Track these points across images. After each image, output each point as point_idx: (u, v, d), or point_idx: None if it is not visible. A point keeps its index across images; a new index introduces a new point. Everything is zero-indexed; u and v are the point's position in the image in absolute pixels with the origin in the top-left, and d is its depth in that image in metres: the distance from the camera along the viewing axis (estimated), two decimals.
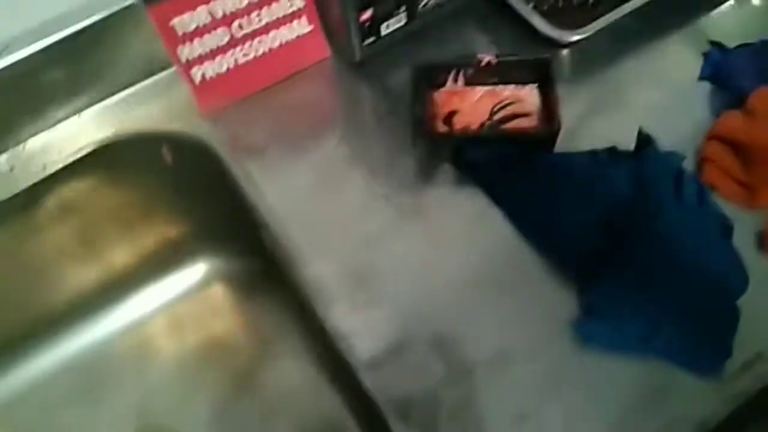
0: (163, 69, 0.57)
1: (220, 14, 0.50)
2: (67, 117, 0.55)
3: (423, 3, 0.53)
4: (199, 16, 0.49)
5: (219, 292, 0.71)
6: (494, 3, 0.57)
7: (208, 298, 0.71)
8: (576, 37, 0.53)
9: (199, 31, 0.50)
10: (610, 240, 0.41)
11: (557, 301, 0.43)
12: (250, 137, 0.53)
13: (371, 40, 0.53)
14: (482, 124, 0.50)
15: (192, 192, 0.62)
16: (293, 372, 0.66)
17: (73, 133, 0.55)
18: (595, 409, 0.40)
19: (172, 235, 0.67)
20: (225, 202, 0.59)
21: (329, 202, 0.50)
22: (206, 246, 0.69)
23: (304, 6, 0.53)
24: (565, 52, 0.56)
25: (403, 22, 0.54)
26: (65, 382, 0.66)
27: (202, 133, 0.54)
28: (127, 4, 0.51)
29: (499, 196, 0.46)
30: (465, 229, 0.47)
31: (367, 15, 0.51)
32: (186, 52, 0.51)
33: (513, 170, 0.46)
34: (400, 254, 0.47)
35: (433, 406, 0.40)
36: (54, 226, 0.58)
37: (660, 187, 0.43)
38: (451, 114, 0.51)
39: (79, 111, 0.55)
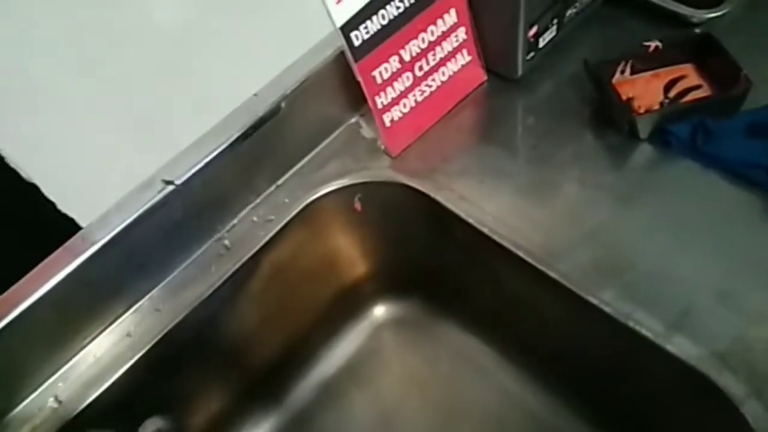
0: (335, 129, 0.61)
1: (407, 58, 0.54)
2: (268, 187, 0.58)
3: (568, 13, 0.59)
4: (392, 64, 0.53)
5: (395, 332, 0.73)
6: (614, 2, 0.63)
7: (387, 340, 0.73)
8: (711, 15, 0.59)
9: (391, 78, 0.54)
10: None
11: None
12: (444, 166, 0.57)
13: (531, 55, 0.58)
14: (662, 104, 0.55)
15: (376, 238, 0.64)
16: (491, 389, 0.67)
17: (275, 202, 0.58)
18: None
19: (353, 283, 0.69)
20: (419, 239, 0.62)
21: (548, 206, 0.53)
22: (382, 289, 0.71)
23: (466, 38, 0.58)
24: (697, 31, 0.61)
25: (553, 34, 0.59)
26: None
27: (395, 175, 0.57)
28: (301, 79, 0.55)
29: (711, 160, 0.50)
30: (691, 195, 0.50)
31: (533, 31, 0.56)
32: (381, 100, 0.54)
33: (719, 134, 0.50)
34: (639, 233, 0.50)
35: (744, 350, 0.43)
36: (261, 296, 0.60)
37: None
38: (629, 100, 0.55)
39: (276, 180, 0.58)
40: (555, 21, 0.58)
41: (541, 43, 0.58)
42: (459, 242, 0.57)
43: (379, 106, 0.54)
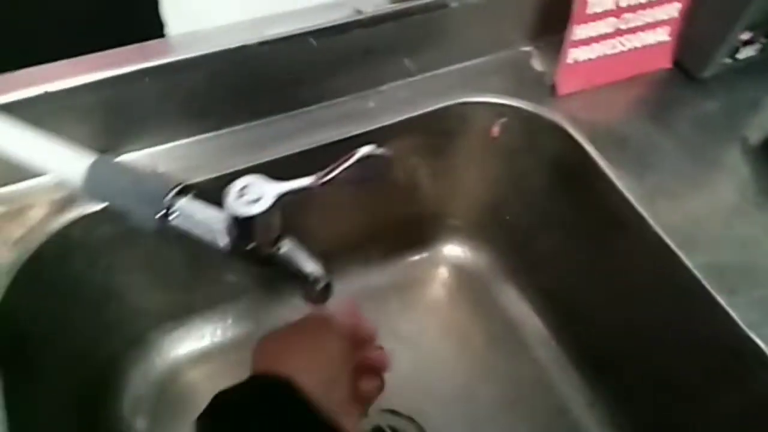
0: (503, 49, 0.59)
1: (623, 4, 0.52)
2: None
3: None
4: (607, 1, 0.52)
5: (451, 277, 0.70)
6: None
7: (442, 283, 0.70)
8: None
9: (599, 16, 0.52)
10: None
11: None
12: (606, 125, 0.55)
13: (728, 60, 0.56)
14: None
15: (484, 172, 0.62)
16: None
17: (407, 95, 0.56)
18: None
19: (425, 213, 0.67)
20: (529, 190, 0.60)
21: (699, 198, 0.51)
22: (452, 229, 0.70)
23: (675, 17, 0.56)
24: None
25: (755, 52, 0.57)
26: None
27: (553, 112, 0.55)
28: None
29: None
30: None
31: (746, 36, 0.54)
32: (580, 31, 0.52)
33: None
34: None
35: None
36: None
37: None
38: None
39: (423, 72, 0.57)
40: (764, 40, 0.56)
41: (740, 55, 0.57)
42: (570, 199, 0.56)
43: (575, 37, 0.53)
